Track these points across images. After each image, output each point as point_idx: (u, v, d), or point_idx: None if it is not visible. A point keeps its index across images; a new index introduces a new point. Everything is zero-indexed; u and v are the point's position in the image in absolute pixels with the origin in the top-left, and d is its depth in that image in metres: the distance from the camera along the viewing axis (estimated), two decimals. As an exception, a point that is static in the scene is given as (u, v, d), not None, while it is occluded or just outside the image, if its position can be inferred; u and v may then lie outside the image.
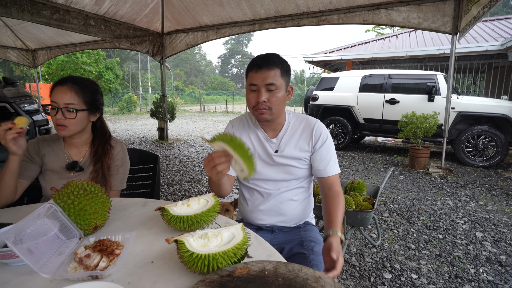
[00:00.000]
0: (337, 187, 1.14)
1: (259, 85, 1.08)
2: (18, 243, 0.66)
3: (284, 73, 1.11)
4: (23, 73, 18.60)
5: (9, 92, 3.69)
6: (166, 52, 6.41)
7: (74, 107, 1.16)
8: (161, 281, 0.67)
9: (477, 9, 3.18)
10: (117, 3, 4.78)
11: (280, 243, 1.17)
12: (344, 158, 5.71)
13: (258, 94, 1.08)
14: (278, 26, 4.98)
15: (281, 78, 1.09)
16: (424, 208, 3.15)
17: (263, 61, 1.09)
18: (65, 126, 1.17)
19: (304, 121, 1.21)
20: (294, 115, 1.23)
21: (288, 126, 1.20)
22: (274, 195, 1.19)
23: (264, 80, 1.07)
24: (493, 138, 4.84)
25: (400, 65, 9.48)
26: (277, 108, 1.11)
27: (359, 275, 1.95)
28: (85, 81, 1.24)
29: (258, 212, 1.21)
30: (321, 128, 1.19)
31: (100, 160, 1.26)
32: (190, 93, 34.15)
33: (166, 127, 7.28)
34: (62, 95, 1.15)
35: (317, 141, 1.17)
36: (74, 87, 1.18)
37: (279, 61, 1.10)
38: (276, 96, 1.09)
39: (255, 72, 1.09)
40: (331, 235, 0.96)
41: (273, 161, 1.18)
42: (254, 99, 1.10)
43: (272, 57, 1.10)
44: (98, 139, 1.31)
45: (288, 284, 0.62)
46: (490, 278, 1.91)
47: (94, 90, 1.25)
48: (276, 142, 1.19)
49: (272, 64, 1.08)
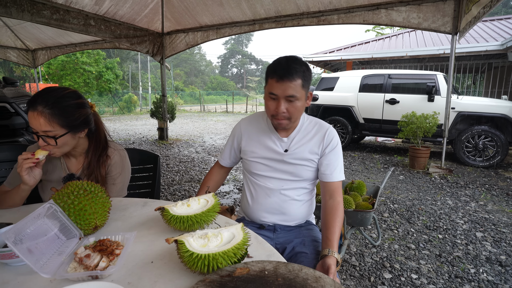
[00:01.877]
0: (339, 196, 1.15)
1: (279, 96, 1.06)
2: (18, 243, 0.66)
3: (306, 82, 1.08)
4: (23, 73, 18.61)
5: (9, 92, 3.69)
6: (166, 52, 6.41)
7: (53, 134, 1.04)
8: (161, 281, 0.67)
9: (477, 9, 3.18)
10: (117, 3, 4.78)
11: (283, 243, 1.17)
12: (344, 158, 5.71)
13: (278, 104, 1.07)
14: (278, 26, 4.98)
15: (302, 89, 1.06)
16: (424, 208, 3.15)
17: (285, 72, 1.04)
18: (52, 150, 1.08)
19: (317, 125, 1.22)
20: (308, 118, 1.24)
21: (301, 128, 1.21)
22: (278, 193, 1.19)
23: (285, 91, 1.05)
24: (493, 138, 4.83)
25: (400, 65, 9.48)
26: (295, 117, 1.12)
27: (359, 275, 1.95)
28: (59, 99, 1.05)
29: (261, 209, 1.22)
30: (333, 134, 1.20)
31: (94, 173, 1.19)
32: (190, 93, 34.16)
33: (166, 127, 7.28)
34: (35, 122, 1.02)
35: (327, 145, 1.18)
36: (45, 111, 1.01)
37: (301, 70, 1.06)
38: (295, 107, 1.08)
39: (276, 82, 1.05)
40: (329, 255, 0.98)
41: (281, 160, 1.19)
42: (273, 108, 1.09)
43: (294, 66, 1.05)
44: (92, 149, 1.21)
45: (288, 284, 0.62)
46: (490, 278, 1.91)
47: (73, 107, 1.08)
48: (287, 141, 1.19)
49: (293, 76, 1.04)
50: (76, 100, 1.11)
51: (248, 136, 1.26)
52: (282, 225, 1.22)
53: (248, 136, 1.26)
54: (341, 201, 1.14)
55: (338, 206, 1.11)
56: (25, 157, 1.03)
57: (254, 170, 1.24)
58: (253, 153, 1.23)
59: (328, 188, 1.16)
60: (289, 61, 1.06)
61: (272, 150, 1.20)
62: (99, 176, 1.21)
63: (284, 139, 1.20)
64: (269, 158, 1.21)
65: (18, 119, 3.51)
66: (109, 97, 19.00)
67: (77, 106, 1.11)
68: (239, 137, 1.29)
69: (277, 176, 1.20)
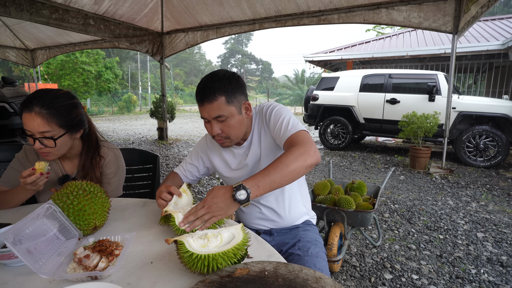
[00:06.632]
0: (297, 143, 0.92)
1: (208, 118, 1.01)
2: (17, 244, 0.66)
3: (231, 96, 0.99)
4: (22, 73, 18.60)
5: (8, 91, 3.69)
6: (166, 52, 6.41)
7: (51, 135, 1.02)
8: (161, 281, 0.67)
9: (476, 9, 3.18)
10: (117, 3, 4.77)
11: (278, 245, 1.16)
12: (345, 158, 5.71)
13: (211, 126, 1.02)
14: (278, 25, 4.97)
15: (228, 106, 0.98)
16: (425, 208, 3.14)
17: (202, 94, 0.98)
18: (49, 153, 1.06)
19: (258, 111, 1.14)
20: (257, 111, 1.16)
21: (254, 127, 1.14)
22: (264, 199, 1.17)
23: (210, 113, 0.99)
24: (494, 138, 4.83)
25: (400, 64, 9.47)
26: (235, 134, 1.04)
27: (360, 276, 1.94)
28: (55, 99, 1.04)
29: (251, 217, 1.21)
30: (268, 105, 1.12)
31: (89, 175, 1.19)
32: (190, 93, 34.12)
33: (165, 127, 7.27)
34: (32, 123, 0.99)
35: (267, 118, 1.09)
36: (43, 111, 1.00)
37: (221, 86, 0.97)
38: (229, 125, 1.01)
39: (200, 106, 1.00)
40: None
41: (248, 167, 1.14)
42: (210, 131, 1.04)
43: (211, 85, 0.97)
44: (85, 151, 1.21)
45: (288, 285, 0.61)
46: (491, 279, 1.91)
47: (68, 107, 1.07)
48: (246, 145, 1.14)
49: (212, 95, 0.96)
50: (71, 100, 1.10)
51: (210, 151, 1.22)
52: (278, 228, 1.21)
53: (211, 152, 1.22)
54: (302, 146, 0.90)
55: (292, 148, 0.90)
56: (26, 175, 1.00)
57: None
58: (223, 177, 1.22)
59: (287, 146, 0.97)
60: (207, 81, 0.99)
61: (236, 161, 1.16)
62: (94, 177, 1.20)
63: (244, 144, 1.14)
64: (237, 169, 1.16)
65: (17, 119, 3.51)
66: (108, 97, 18.98)
67: (73, 106, 1.10)
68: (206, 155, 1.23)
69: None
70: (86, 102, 17.00)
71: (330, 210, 1.82)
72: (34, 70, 8.02)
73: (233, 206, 0.83)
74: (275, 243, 1.18)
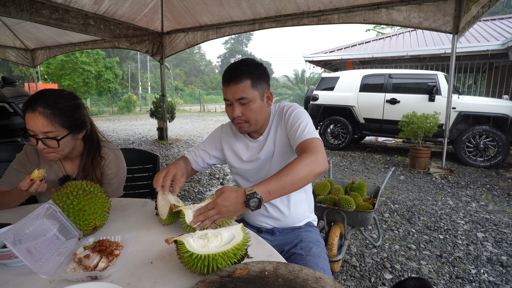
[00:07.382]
0: (309, 149, 0.94)
1: (231, 100, 1.05)
2: (17, 244, 0.66)
3: (256, 81, 1.04)
4: (22, 73, 18.60)
5: (8, 91, 3.69)
6: (166, 52, 6.41)
7: (54, 135, 1.02)
8: (161, 281, 0.67)
9: (477, 9, 3.18)
10: (117, 3, 4.77)
11: (280, 245, 1.17)
12: (345, 158, 5.71)
13: (232, 109, 1.06)
14: (278, 25, 4.97)
15: (252, 89, 1.03)
16: (425, 208, 3.14)
17: (230, 75, 1.03)
18: (51, 153, 1.06)
19: (278, 109, 1.17)
20: (277, 109, 1.19)
21: (272, 123, 1.17)
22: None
23: (234, 95, 1.03)
24: (494, 138, 4.83)
25: (400, 64, 9.46)
26: (255, 120, 1.08)
27: (360, 276, 1.94)
28: (59, 99, 1.04)
29: (255, 214, 1.21)
30: (289, 105, 1.14)
31: (89, 175, 1.19)
32: (190, 93, 34.13)
33: (165, 127, 7.27)
34: (36, 123, 0.99)
35: (286, 117, 1.11)
36: (47, 111, 1.00)
37: (248, 70, 1.03)
38: (250, 109, 1.05)
39: (225, 87, 1.05)
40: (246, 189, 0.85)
41: (260, 160, 1.16)
42: (230, 113, 1.08)
43: (240, 68, 1.03)
44: (86, 151, 1.20)
45: (288, 285, 0.61)
46: (491, 279, 1.91)
47: (72, 107, 1.08)
48: (262, 139, 1.17)
49: (239, 77, 1.02)
50: (74, 101, 1.11)
51: (223, 141, 1.24)
52: (280, 228, 1.21)
53: (224, 142, 1.24)
54: (312, 154, 0.92)
55: (303, 155, 0.91)
56: (24, 187, 1.00)
57: (239, 181, 1.25)
58: (233, 168, 1.23)
59: (299, 150, 0.99)
60: (235, 64, 1.05)
61: (250, 154, 1.18)
62: (95, 178, 1.20)
63: (260, 139, 1.17)
64: (250, 162, 1.18)
65: (17, 119, 3.51)
66: (108, 97, 18.98)
67: (76, 107, 1.10)
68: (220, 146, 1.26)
69: (263, 178, 1.15)
70: (86, 102, 16.99)
71: (330, 210, 1.82)
72: (34, 70, 8.02)
73: (243, 210, 0.86)
74: (277, 242, 1.18)
